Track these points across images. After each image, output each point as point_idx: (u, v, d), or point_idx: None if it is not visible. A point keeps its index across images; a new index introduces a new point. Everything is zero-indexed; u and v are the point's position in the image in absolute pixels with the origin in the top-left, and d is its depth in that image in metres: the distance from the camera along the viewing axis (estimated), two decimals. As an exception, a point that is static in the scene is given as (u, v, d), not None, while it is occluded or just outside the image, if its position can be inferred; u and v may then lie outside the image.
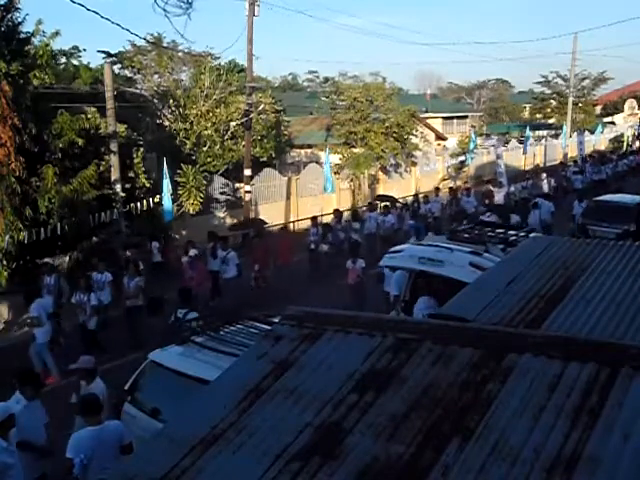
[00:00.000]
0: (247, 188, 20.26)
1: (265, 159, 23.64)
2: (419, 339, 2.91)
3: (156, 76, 24.04)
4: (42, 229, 13.33)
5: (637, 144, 43.04)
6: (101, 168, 15.42)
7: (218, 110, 21.78)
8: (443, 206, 21.25)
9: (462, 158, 30.31)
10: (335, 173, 25.30)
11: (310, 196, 24.37)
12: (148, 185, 17.54)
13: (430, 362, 2.76)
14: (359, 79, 33.68)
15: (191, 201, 18.68)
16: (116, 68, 23.03)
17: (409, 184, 29.63)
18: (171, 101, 22.08)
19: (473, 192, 22.99)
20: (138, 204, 16.17)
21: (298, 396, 2.73)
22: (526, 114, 59.76)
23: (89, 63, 22.22)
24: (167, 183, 16.73)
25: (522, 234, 9.69)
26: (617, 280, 4.07)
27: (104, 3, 13.00)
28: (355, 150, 26.89)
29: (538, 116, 51.96)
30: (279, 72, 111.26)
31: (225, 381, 3.07)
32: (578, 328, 3.43)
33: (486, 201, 21.76)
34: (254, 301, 12.64)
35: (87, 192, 14.11)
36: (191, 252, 13.89)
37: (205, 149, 21.45)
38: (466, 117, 46.76)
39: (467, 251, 8.87)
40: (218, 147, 21.55)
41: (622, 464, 2.11)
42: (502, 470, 2.18)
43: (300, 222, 22.15)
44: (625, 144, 42.69)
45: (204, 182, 19.50)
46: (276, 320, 3.87)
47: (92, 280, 12.14)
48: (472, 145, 29.16)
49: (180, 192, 18.44)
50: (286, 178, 24.31)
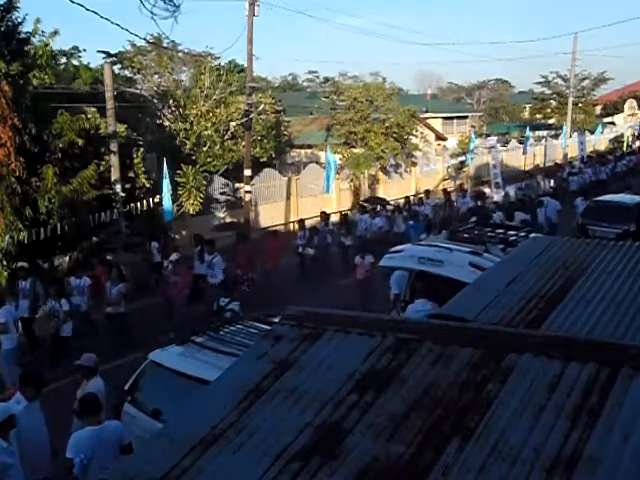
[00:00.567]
0: (247, 188, 20.25)
1: (265, 159, 23.63)
2: (419, 339, 2.91)
3: (156, 76, 24.04)
4: (42, 229, 13.33)
5: (637, 144, 43.05)
6: (101, 168, 15.42)
7: (218, 110, 21.78)
8: (436, 208, 21.00)
9: (462, 158, 30.31)
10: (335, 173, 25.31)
11: (310, 196, 24.37)
12: (148, 185, 17.54)
13: (430, 362, 2.76)
14: (359, 79, 33.69)
15: (191, 201, 18.67)
16: (116, 68, 23.04)
17: (409, 184, 29.62)
18: (171, 101, 22.09)
19: (470, 193, 23.04)
20: (138, 204, 16.17)
21: (298, 396, 2.73)
22: (526, 114, 59.74)
23: (89, 63, 22.28)
24: (167, 183, 16.72)
25: (522, 234, 9.70)
26: (617, 280, 4.07)
27: (104, 3, 13.02)
28: (355, 150, 26.88)
29: (538, 116, 51.93)
30: (279, 72, 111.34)
31: (225, 381, 3.07)
32: (578, 328, 3.43)
33: (479, 202, 21.73)
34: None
35: (87, 192, 14.11)
36: (172, 256, 13.43)
37: (205, 149, 21.45)
38: (466, 117, 46.74)
39: (467, 251, 8.87)
40: (218, 147, 21.55)
41: (622, 464, 2.11)
42: (502, 470, 2.18)
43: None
44: (625, 144, 42.69)
45: (204, 182, 19.48)
46: (276, 320, 3.88)
47: (70, 285, 11.77)
48: (472, 145, 29.16)
49: (180, 192, 18.43)
50: (286, 178, 24.30)
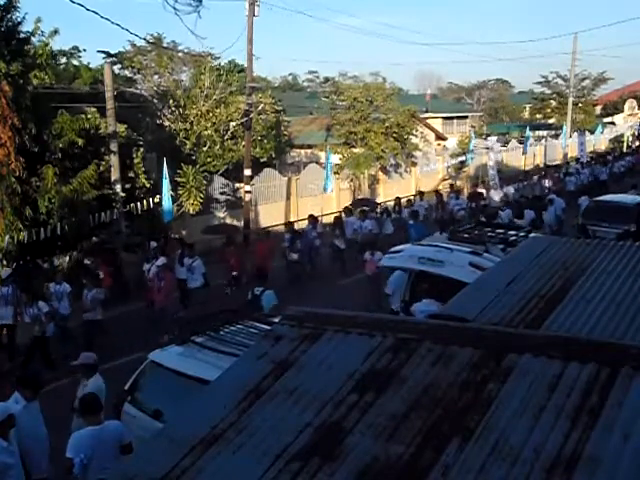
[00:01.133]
0: (247, 188, 20.25)
1: (265, 159, 23.63)
2: (419, 339, 2.91)
3: (156, 76, 24.03)
4: (42, 229, 13.34)
5: (637, 144, 43.03)
6: (101, 168, 15.44)
7: (218, 110, 21.78)
8: (428, 210, 20.52)
9: (462, 158, 30.31)
10: (335, 173, 25.30)
11: (310, 196, 24.36)
12: (148, 185, 17.55)
13: (430, 362, 2.76)
14: (359, 79, 33.78)
15: (191, 201, 18.67)
16: (116, 68, 23.04)
17: (409, 184, 29.63)
18: (171, 101, 22.08)
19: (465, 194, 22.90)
20: (138, 204, 16.18)
21: (298, 396, 2.73)
22: (526, 114, 59.71)
23: (89, 63, 22.25)
24: (167, 183, 16.72)
25: (522, 234, 9.71)
26: (617, 280, 4.07)
27: (104, 3, 13.02)
28: (355, 150, 26.89)
29: (538, 116, 51.93)
30: (279, 72, 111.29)
31: (225, 381, 3.07)
32: (578, 328, 3.43)
33: (473, 204, 21.64)
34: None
35: (87, 192, 14.13)
36: (159, 261, 12.96)
37: (205, 149, 21.44)
38: (466, 117, 46.73)
39: (467, 251, 8.89)
40: (218, 147, 21.55)
41: (622, 464, 2.11)
42: (502, 470, 2.18)
43: (300, 222, 22.10)
44: (625, 144, 42.68)
45: (204, 182, 19.48)
46: (276, 320, 3.88)
47: (49, 291, 11.56)
48: (471, 145, 29.16)
49: (180, 192, 18.43)
50: (286, 178, 24.30)
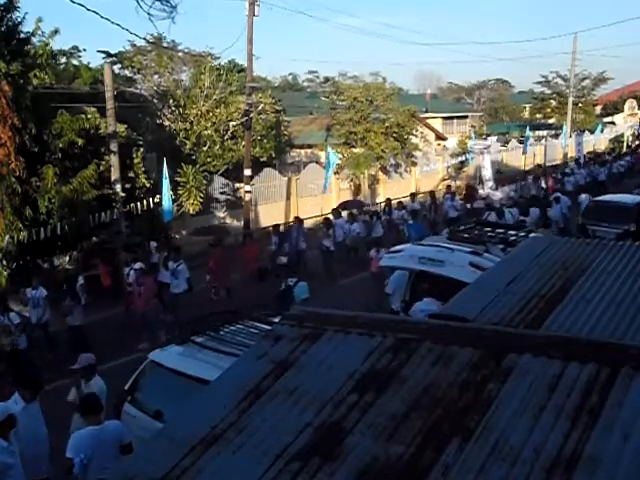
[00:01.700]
0: (247, 188, 20.26)
1: (265, 159, 23.63)
2: (419, 339, 2.91)
3: (156, 76, 24.03)
4: (42, 229, 13.34)
5: (637, 143, 43.02)
6: (101, 168, 15.42)
7: (218, 110, 21.78)
8: (420, 212, 20.12)
9: (462, 158, 30.31)
10: (335, 173, 25.31)
11: (310, 196, 24.37)
12: (148, 185, 17.54)
13: (430, 362, 2.76)
14: (359, 79, 33.73)
15: (191, 201, 18.68)
16: (116, 68, 23.03)
17: (409, 184, 29.64)
18: (171, 101, 22.08)
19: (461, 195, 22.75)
20: (138, 204, 16.18)
21: (298, 396, 2.73)
22: (526, 114, 59.74)
23: (89, 63, 22.21)
24: (167, 183, 16.72)
25: (522, 234, 9.71)
26: (617, 280, 4.07)
27: (104, 3, 12.99)
28: (355, 150, 26.89)
29: (538, 116, 51.96)
30: (279, 72, 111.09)
31: (225, 381, 3.07)
32: (578, 328, 3.43)
33: (467, 205, 21.56)
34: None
35: (87, 192, 14.12)
36: (136, 265, 12.88)
37: (205, 149, 21.44)
38: (466, 117, 46.72)
39: (467, 251, 8.89)
40: (218, 147, 21.55)
41: (622, 464, 2.11)
42: (502, 470, 2.18)
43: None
44: (625, 144, 42.68)
45: (204, 182, 19.50)
46: (276, 320, 3.88)
47: (26, 297, 11.46)
48: (469, 146, 29.16)
49: (180, 192, 18.43)
50: (286, 178, 24.30)
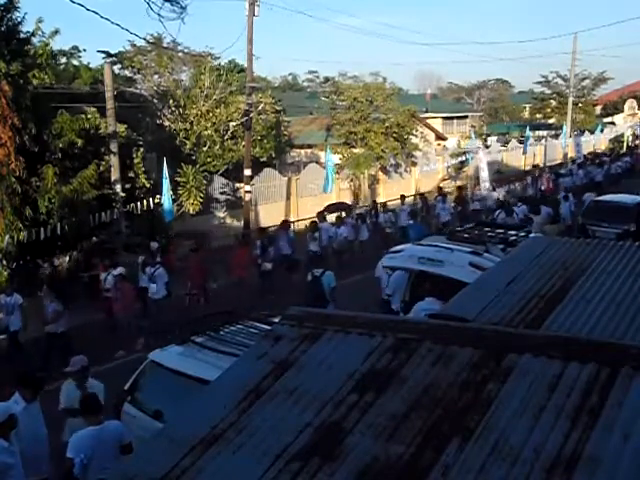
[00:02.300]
0: (247, 188, 20.27)
1: (265, 159, 23.64)
2: (419, 339, 2.91)
3: (156, 76, 24.04)
4: (42, 229, 13.35)
5: (637, 142, 43.03)
6: (101, 168, 15.44)
7: (218, 110, 21.78)
8: (410, 214, 19.52)
9: (462, 158, 30.31)
10: (335, 173, 25.30)
11: (310, 196, 24.37)
12: (148, 185, 17.55)
13: (430, 362, 2.76)
14: (359, 79, 33.70)
15: (191, 201, 18.68)
16: (116, 68, 23.03)
17: (409, 184, 29.65)
18: (171, 101, 22.09)
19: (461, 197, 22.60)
20: (138, 204, 16.18)
21: (298, 396, 2.73)
22: (526, 114, 59.75)
23: (89, 63, 22.27)
24: (167, 183, 16.73)
25: (522, 234, 9.71)
26: (617, 280, 4.06)
27: (104, 3, 13.00)
28: (355, 150, 26.90)
29: (538, 116, 51.97)
30: (279, 72, 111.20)
31: (225, 381, 3.07)
32: (578, 328, 3.43)
33: (459, 208, 21.44)
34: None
35: (87, 192, 14.13)
36: (116, 270, 12.36)
37: (205, 149, 21.45)
38: (466, 117, 46.74)
39: (467, 251, 8.88)
40: (218, 147, 21.55)
41: (622, 464, 2.10)
42: (502, 470, 2.18)
43: (300, 223, 22.11)
44: (625, 144, 42.69)
45: (204, 182, 19.49)
46: (276, 320, 3.88)
47: (0, 303, 11.05)
48: (467, 146, 29.17)
49: (180, 192, 18.44)
50: (286, 178, 24.31)
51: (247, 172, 20.12)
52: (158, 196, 16.72)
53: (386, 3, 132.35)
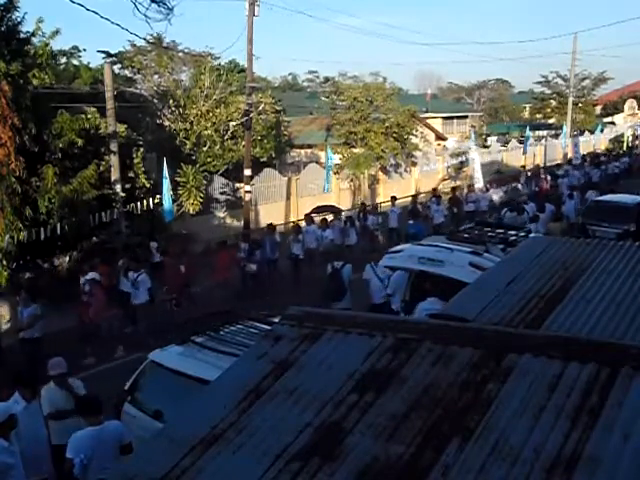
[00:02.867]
0: (247, 188, 20.25)
1: (265, 159, 23.63)
2: (419, 339, 2.91)
3: (156, 76, 24.03)
4: (42, 229, 13.33)
5: (637, 142, 43.02)
6: (101, 168, 15.42)
7: (218, 110, 21.77)
8: (400, 216, 19.37)
9: (462, 158, 30.30)
10: (335, 173, 25.29)
11: (310, 196, 24.38)
12: (148, 185, 17.54)
13: (430, 362, 2.76)
14: (359, 79, 33.67)
15: (191, 201, 18.67)
16: (116, 68, 23.02)
17: (409, 184, 29.65)
18: (171, 101, 22.08)
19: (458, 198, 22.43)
20: (138, 204, 16.17)
21: (298, 396, 2.73)
22: (526, 114, 59.74)
23: (89, 63, 22.22)
24: (167, 183, 16.73)
25: (522, 234, 9.72)
26: (617, 280, 4.06)
27: (104, 3, 12.96)
28: (355, 150, 26.89)
29: (538, 116, 51.93)
30: (279, 72, 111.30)
31: (225, 381, 3.07)
32: (578, 328, 3.43)
33: (454, 209, 21.31)
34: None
35: (87, 192, 14.11)
36: (89, 275, 11.96)
37: (205, 149, 21.44)
38: (466, 117, 46.76)
39: (467, 251, 8.88)
40: (218, 147, 21.54)
41: (622, 464, 2.11)
42: (502, 470, 2.18)
43: (299, 223, 22.07)
44: (625, 144, 42.67)
45: (204, 182, 19.49)
46: (276, 320, 3.88)
47: None
48: (466, 146, 29.16)
49: (180, 192, 18.43)
50: (286, 178, 24.32)
51: (247, 172, 20.11)
52: (158, 196, 16.71)
53: (386, 3, 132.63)
